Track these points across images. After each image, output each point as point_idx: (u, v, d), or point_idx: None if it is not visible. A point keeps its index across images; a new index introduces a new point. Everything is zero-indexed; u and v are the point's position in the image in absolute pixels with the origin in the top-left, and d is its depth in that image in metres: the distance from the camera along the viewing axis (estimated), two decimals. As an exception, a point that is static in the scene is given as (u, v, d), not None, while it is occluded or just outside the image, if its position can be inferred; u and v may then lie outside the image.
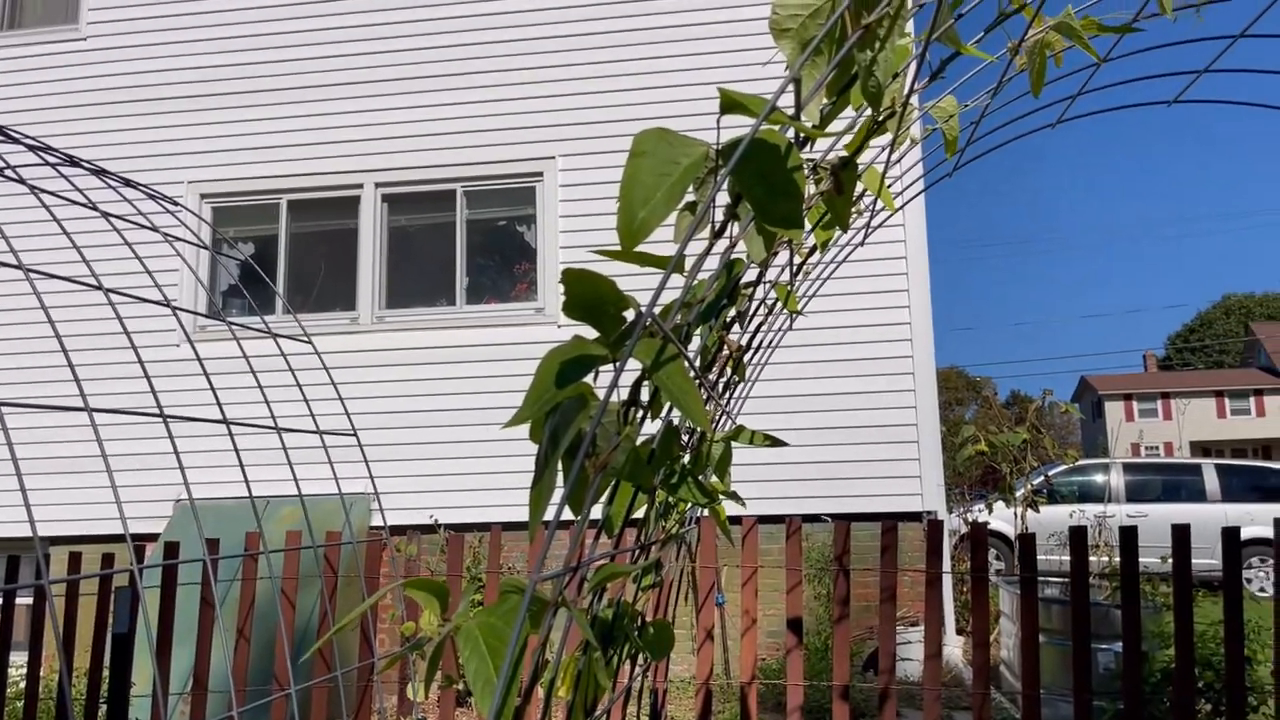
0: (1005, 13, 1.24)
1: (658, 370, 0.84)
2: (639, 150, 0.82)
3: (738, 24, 8.06)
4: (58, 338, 1.32)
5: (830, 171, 1.07)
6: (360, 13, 8.67)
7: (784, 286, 1.62)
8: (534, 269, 8.25)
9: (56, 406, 1.18)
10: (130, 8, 8.96)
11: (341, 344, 8.08)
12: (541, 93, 8.31)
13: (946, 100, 1.45)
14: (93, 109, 8.78)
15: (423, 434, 7.90)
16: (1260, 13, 1.47)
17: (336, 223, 8.55)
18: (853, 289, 7.42)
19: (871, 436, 7.59)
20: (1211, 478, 13.56)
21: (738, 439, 1.71)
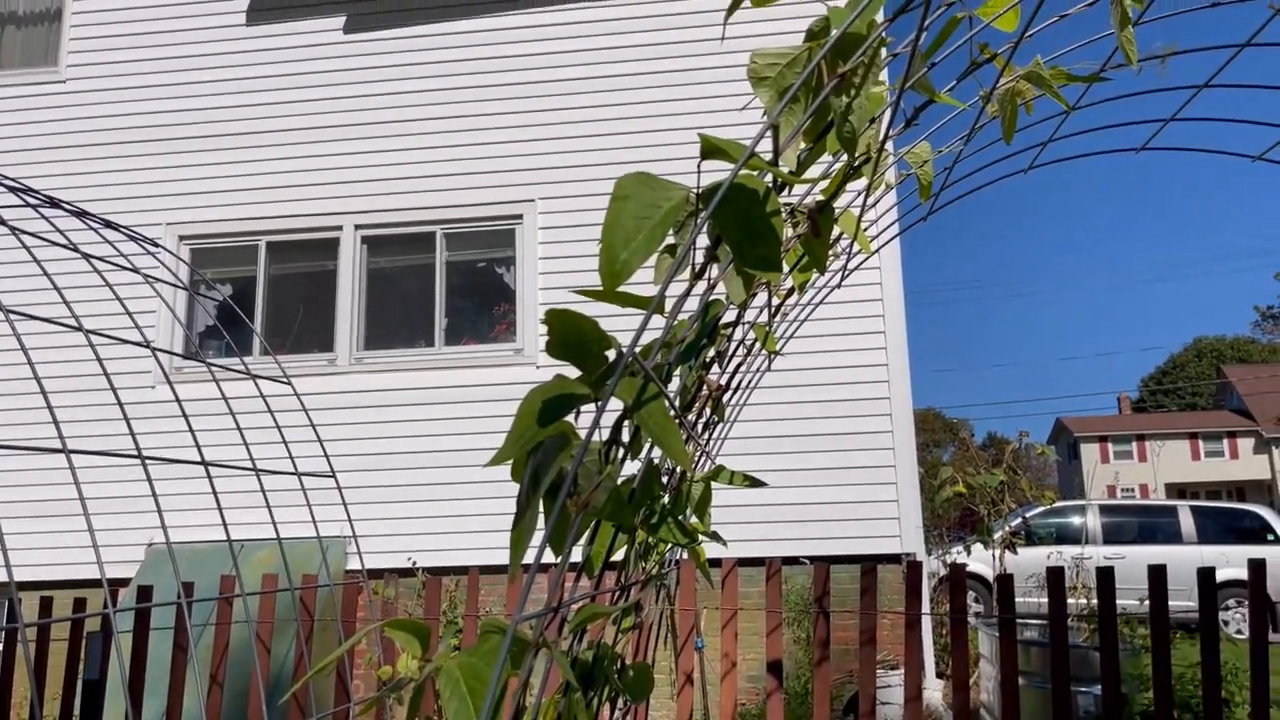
0: (976, 62, 1.27)
1: (639, 409, 0.85)
2: (621, 194, 0.84)
3: (716, 70, 8.17)
4: (37, 379, 1.32)
5: (808, 215, 1.10)
6: (340, 58, 8.74)
7: (762, 327, 1.63)
8: (513, 310, 8.26)
9: (34, 448, 1.18)
10: (110, 51, 8.99)
11: (319, 385, 8.04)
12: (522, 137, 8.38)
13: (921, 146, 1.49)
14: (72, 151, 8.77)
15: (401, 475, 7.86)
16: (1222, 65, 1.52)
17: (315, 264, 8.55)
18: (830, 330, 7.48)
19: (850, 478, 7.61)
20: (1187, 520, 13.63)
21: (717, 479, 1.72)
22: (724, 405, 1.86)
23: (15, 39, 9.45)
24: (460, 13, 8.71)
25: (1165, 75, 1.51)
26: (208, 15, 8.94)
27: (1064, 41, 1.49)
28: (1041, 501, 9.42)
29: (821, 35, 1.02)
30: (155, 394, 8.05)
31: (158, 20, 8.99)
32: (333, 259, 8.46)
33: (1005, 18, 1.19)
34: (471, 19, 8.69)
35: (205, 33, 8.91)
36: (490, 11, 8.69)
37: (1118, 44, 1.26)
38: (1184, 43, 1.50)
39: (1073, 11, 1.31)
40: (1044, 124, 1.70)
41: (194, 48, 8.89)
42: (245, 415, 7.28)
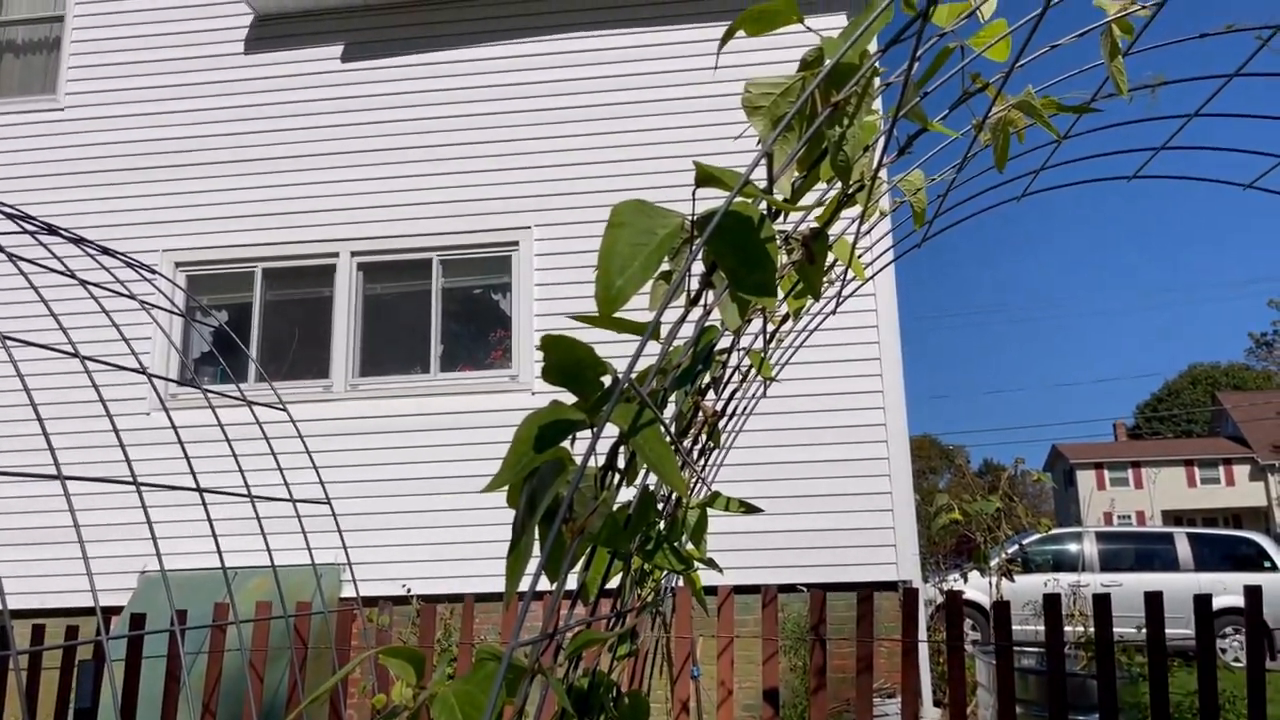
0: (969, 91, 1.28)
1: (635, 435, 0.86)
2: (617, 221, 0.84)
3: (711, 99, 8.23)
4: (33, 406, 1.32)
5: (802, 242, 1.10)
6: (337, 86, 8.79)
7: (758, 353, 1.64)
8: (509, 336, 8.27)
9: (30, 474, 1.17)
10: (108, 79, 9.03)
11: (314, 412, 8.03)
12: (518, 164, 8.42)
13: (914, 174, 1.50)
14: (70, 178, 8.80)
15: (396, 502, 7.83)
16: (1212, 94, 1.54)
17: (311, 291, 8.56)
18: (826, 357, 7.49)
19: (846, 505, 7.59)
20: (1184, 547, 13.61)
21: (713, 505, 1.72)
22: (720, 431, 1.87)
23: (14, 66, 9.50)
24: (456, 42, 8.78)
25: (1156, 104, 1.53)
26: (207, 44, 8.99)
27: (1055, 71, 1.51)
28: (1038, 529, 9.40)
29: (815, 65, 1.03)
30: (150, 420, 8.03)
31: (156, 49, 9.04)
32: (329, 286, 8.47)
33: (997, 48, 1.20)
34: (467, 49, 8.75)
35: (203, 61, 8.96)
36: (486, 41, 8.75)
37: (1108, 74, 1.28)
38: (1174, 73, 1.52)
39: (1064, 42, 1.33)
40: (1036, 152, 1.72)
41: (192, 76, 8.93)
42: (240, 442, 7.26)
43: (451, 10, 8.84)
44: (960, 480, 22.31)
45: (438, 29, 8.84)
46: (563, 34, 8.69)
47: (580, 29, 8.68)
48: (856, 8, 8.37)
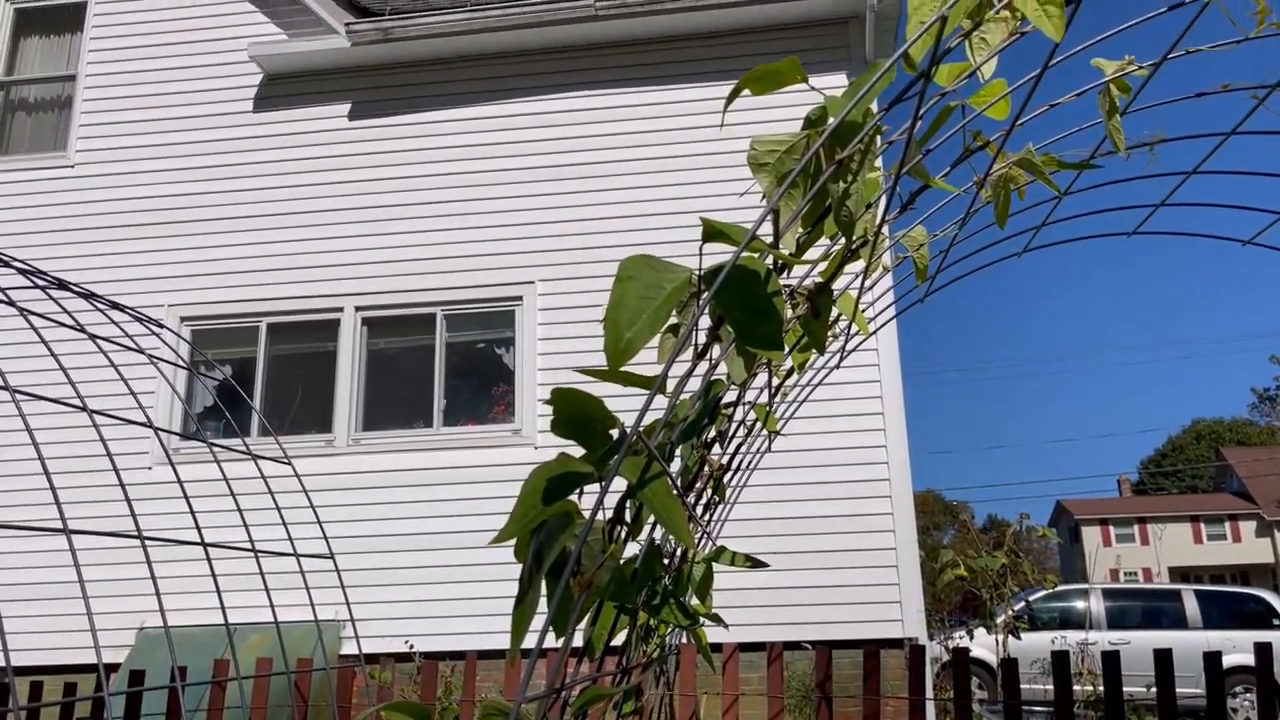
0: (970, 149, 1.30)
1: (643, 488, 0.86)
2: (625, 275, 0.86)
3: (715, 156, 8.32)
4: (41, 461, 1.32)
5: (807, 296, 1.12)
6: (343, 143, 8.90)
7: (763, 407, 1.64)
8: (512, 390, 8.27)
9: (33, 527, 1.18)
10: (118, 136, 9.16)
11: (317, 466, 8.01)
12: (522, 220, 8.50)
13: (916, 230, 1.52)
14: (78, 233, 8.88)
15: (398, 558, 7.78)
16: (1210, 152, 1.56)
17: (315, 345, 8.59)
18: (829, 412, 7.48)
19: (851, 560, 7.54)
20: (1192, 604, 13.48)
21: (719, 560, 1.71)
22: (725, 486, 1.86)
23: (25, 125, 9.64)
24: (461, 101, 8.91)
25: (1154, 162, 1.55)
26: (217, 103, 9.13)
27: (1055, 129, 1.53)
28: (1044, 585, 9.31)
29: (819, 123, 1.05)
30: (152, 475, 8.01)
31: (167, 107, 9.18)
32: (333, 340, 8.50)
33: (997, 107, 1.23)
34: (471, 107, 8.88)
35: (213, 119, 9.09)
36: (490, 100, 8.88)
37: (1107, 133, 1.30)
38: (1172, 131, 1.54)
39: (1062, 101, 1.35)
40: (1037, 208, 1.74)
41: (201, 133, 9.06)
42: (241, 496, 7.24)
43: (456, 70, 8.98)
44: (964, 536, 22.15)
45: (443, 88, 8.98)
46: (567, 93, 8.82)
47: (584, 88, 8.82)
48: (858, 67, 8.50)
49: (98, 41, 9.48)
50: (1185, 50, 1.31)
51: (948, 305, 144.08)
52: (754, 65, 1.08)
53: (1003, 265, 1.92)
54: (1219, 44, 1.33)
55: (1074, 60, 1.28)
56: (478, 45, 8.85)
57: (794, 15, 8.55)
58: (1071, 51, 1.26)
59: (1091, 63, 1.30)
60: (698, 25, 8.65)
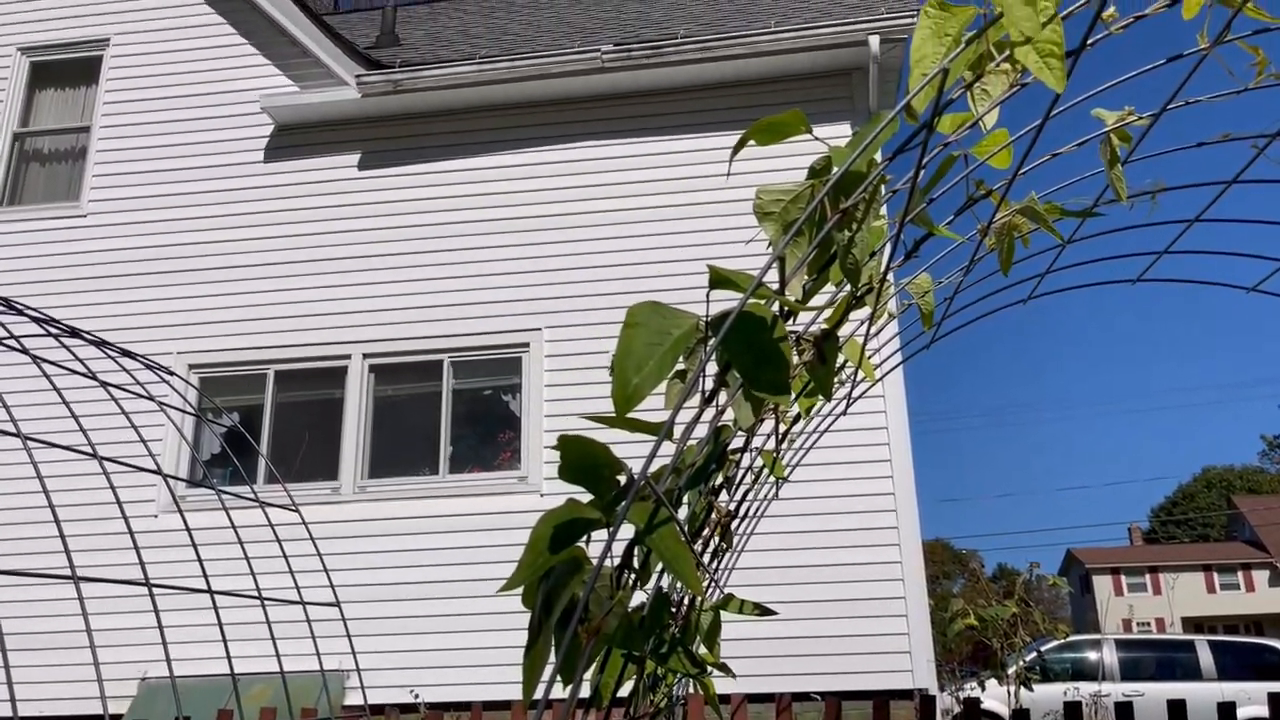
0: (973, 197, 1.32)
1: (651, 533, 0.86)
2: (632, 321, 0.86)
3: (721, 205, 8.38)
4: (51, 508, 1.32)
5: (813, 343, 1.12)
6: (352, 193, 9.00)
7: (770, 454, 1.65)
8: (518, 438, 8.27)
9: (43, 574, 1.18)
10: (130, 186, 9.26)
11: (322, 514, 7.99)
12: (529, 268, 8.55)
13: (921, 277, 1.53)
14: (90, 281, 8.95)
15: (403, 607, 7.72)
16: (1212, 200, 1.57)
17: (322, 392, 8.61)
18: (837, 459, 7.45)
19: (859, 610, 7.47)
20: (1206, 655, 13.29)
21: (726, 608, 1.70)
22: (732, 533, 1.86)
23: (39, 175, 9.77)
24: (470, 150, 9.01)
25: (1157, 210, 1.56)
26: (228, 153, 9.24)
27: (1057, 178, 1.55)
28: (1055, 635, 9.21)
29: (824, 173, 1.07)
30: (158, 523, 7.99)
31: (179, 158, 9.29)
32: (340, 388, 8.52)
33: (999, 156, 1.24)
34: (481, 156, 8.98)
35: (224, 169, 9.20)
36: (499, 149, 8.98)
37: (1109, 181, 1.31)
38: (1173, 179, 1.55)
39: (1064, 151, 1.37)
40: (1041, 256, 1.75)
41: (212, 183, 9.16)
42: (248, 543, 7.21)
43: (465, 121, 9.10)
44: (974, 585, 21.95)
45: (452, 138, 9.08)
46: (574, 143, 8.92)
47: (592, 138, 8.91)
48: (862, 117, 8.59)
49: (112, 94, 9.63)
50: (1185, 101, 1.33)
51: (954, 352, 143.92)
52: (759, 116, 1.10)
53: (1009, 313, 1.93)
54: (1218, 95, 1.34)
55: (1075, 110, 1.29)
56: (486, 96, 8.96)
57: (799, 67, 8.65)
58: (1073, 102, 1.27)
59: (1092, 113, 1.32)
60: (703, 77, 8.77)
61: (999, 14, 0.91)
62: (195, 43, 9.66)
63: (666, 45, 8.53)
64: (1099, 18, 0.99)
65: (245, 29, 9.60)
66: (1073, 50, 1.02)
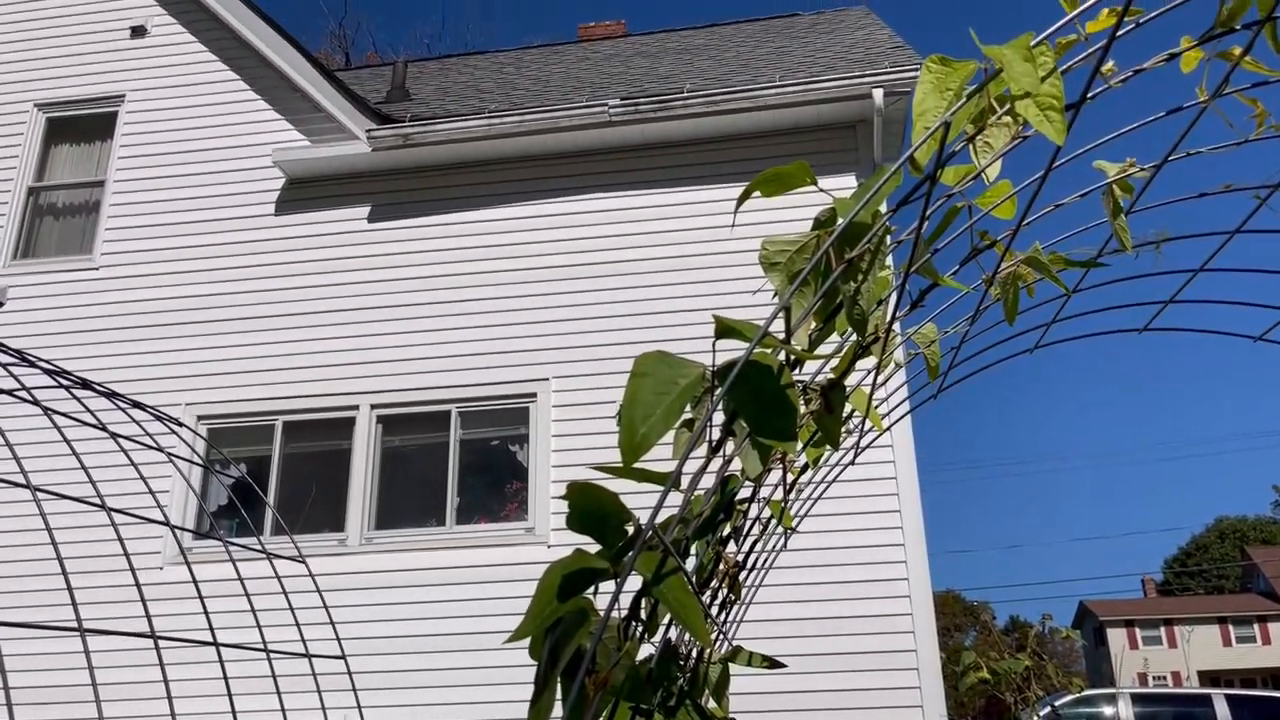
0: (978, 248, 1.33)
1: (659, 584, 0.86)
2: (640, 371, 0.87)
3: (727, 255, 8.43)
4: (59, 559, 1.33)
5: (820, 392, 1.13)
6: (362, 245, 9.07)
7: (778, 503, 1.64)
8: (525, 488, 8.24)
9: (51, 626, 1.18)
10: (143, 239, 9.35)
11: (329, 565, 7.94)
12: (536, 318, 8.58)
13: (927, 327, 1.53)
14: (102, 334, 9.01)
15: (409, 660, 7.65)
16: (1216, 250, 1.58)
17: (330, 443, 8.61)
18: (845, 509, 7.41)
19: (870, 663, 7.37)
20: (1223, 709, 13.07)
21: (735, 660, 1.69)
22: (741, 584, 1.85)
23: (53, 228, 9.88)
24: (479, 203, 9.09)
25: (1161, 259, 1.57)
26: (239, 207, 9.34)
27: (1061, 228, 1.56)
28: (1070, 689, 9.07)
29: (829, 224, 1.08)
30: (164, 574, 7.96)
31: (191, 210, 9.39)
32: (347, 438, 8.52)
33: (1003, 207, 1.25)
34: (490, 208, 9.06)
35: (235, 222, 9.29)
36: (507, 202, 9.07)
37: (1112, 231, 1.32)
38: (1177, 229, 1.57)
39: (1067, 202, 1.38)
40: (1047, 305, 1.76)
41: (223, 236, 9.25)
42: (255, 595, 7.17)
43: (474, 173, 9.19)
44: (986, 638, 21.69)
45: (461, 190, 9.18)
46: (582, 195, 9.00)
47: (599, 190, 9.00)
48: (866, 169, 8.66)
49: (127, 148, 9.77)
50: (1186, 152, 1.34)
51: (963, 402, 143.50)
52: (765, 167, 1.12)
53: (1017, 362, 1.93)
54: (1219, 146, 1.36)
55: (1078, 161, 1.31)
56: (495, 150, 9.07)
57: (804, 120, 8.75)
58: (1075, 154, 1.29)
59: (1094, 165, 1.33)
60: (710, 130, 8.86)
61: (999, 69, 0.93)
62: (209, 98, 9.81)
63: (673, 100, 8.64)
64: (1098, 72, 1.01)
65: (259, 85, 9.75)
66: (1073, 104, 1.03)
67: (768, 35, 11.83)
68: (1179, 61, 1.17)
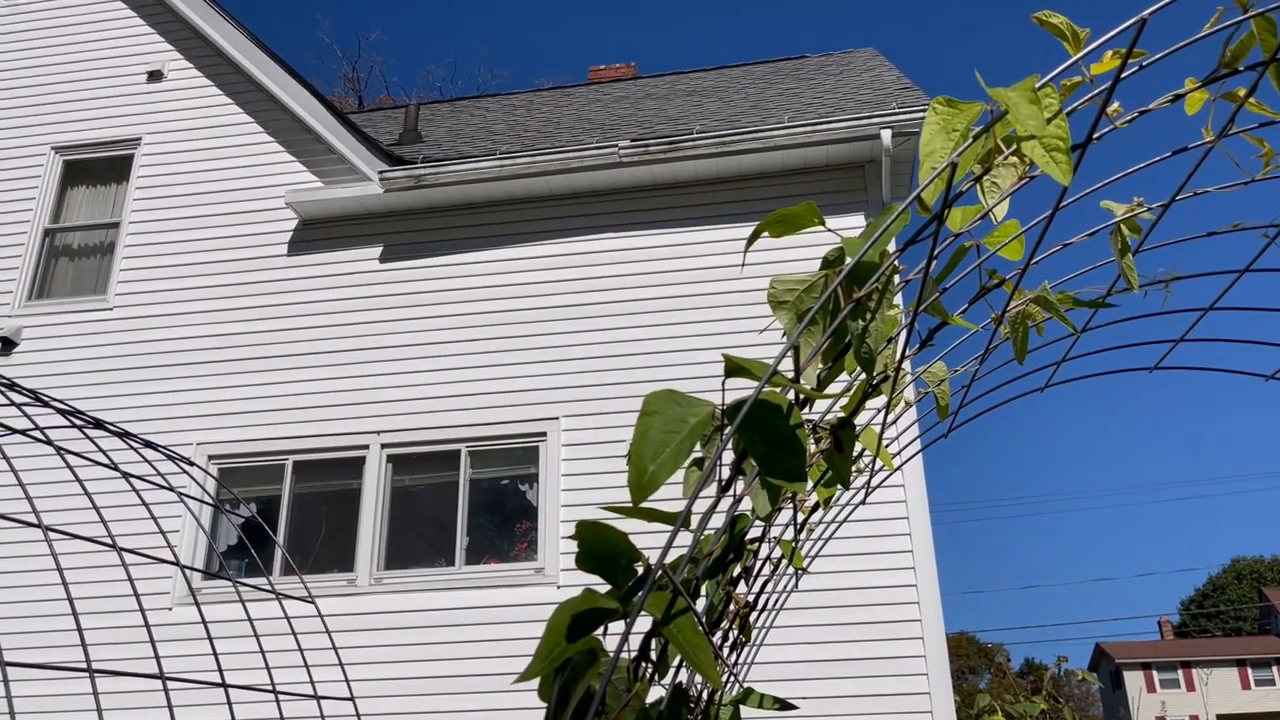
0: (986, 287, 1.33)
1: (668, 624, 0.86)
2: (649, 409, 0.87)
3: (736, 294, 8.45)
4: (69, 599, 1.33)
5: (830, 431, 1.13)
6: (372, 285, 9.13)
7: (788, 543, 1.63)
8: (534, 528, 8.21)
9: (59, 666, 1.17)
10: (156, 280, 9.43)
11: (338, 606, 7.91)
12: (546, 358, 8.60)
13: (937, 366, 1.54)
14: (114, 374, 9.06)
15: (418, 701, 7.59)
16: (1225, 289, 1.58)
17: (340, 483, 8.61)
18: (857, 549, 7.36)
19: (883, 705, 7.28)
20: (1244, 753, 12.86)
21: (746, 702, 1.67)
22: (751, 625, 1.83)
23: (68, 269, 9.97)
24: (490, 243, 9.15)
25: (1171, 298, 1.57)
26: (252, 247, 9.43)
27: (1070, 267, 1.56)
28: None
29: (837, 263, 1.09)
30: (173, 615, 7.93)
31: (204, 252, 9.47)
32: (357, 477, 8.52)
33: (1011, 247, 1.26)
34: (500, 248, 9.12)
35: (248, 262, 9.37)
36: (518, 242, 9.12)
37: (1120, 270, 1.32)
38: (1185, 268, 1.57)
39: (1075, 241, 1.39)
40: (1057, 344, 1.76)
41: (236, 276, 9.32)
42: (264, 636, 7.14)
43: (485, 214, 9.27)
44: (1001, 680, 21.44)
45: (472, 231, 9.24)
46: (592, 235, 9.05)
47: (609, 230, 9.05)
48: (874, 208, 8.70)
49: (142, 190, 9.88)
50: (1193, 192, 1.35)
51: (974, 441, 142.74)
52: (774, 207, 1.13)
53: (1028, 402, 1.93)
54: (1226, 185, 1.36)
55: (1085, 200, 1.31)
56: (507, 190, 9.15)
57: (812, 160, 8.81)
58: (1082, 194, 1.30)
59: (1101, 204, 1.34)
60: (719, 170, 8.93)
61: (1005, 110, 0.94)
62: (224, 141, 9.93)
63: (682, 141, 8.71)
64: (1104, 113, 1.02)
65: (273, 127, 9.87)
66: (1079, 144, 1.04)
67: (776, 77, 11.94)
68: (1184, 102, 1.18)
